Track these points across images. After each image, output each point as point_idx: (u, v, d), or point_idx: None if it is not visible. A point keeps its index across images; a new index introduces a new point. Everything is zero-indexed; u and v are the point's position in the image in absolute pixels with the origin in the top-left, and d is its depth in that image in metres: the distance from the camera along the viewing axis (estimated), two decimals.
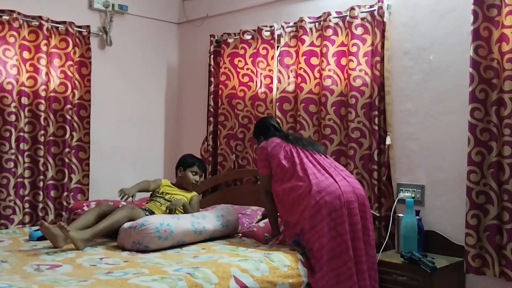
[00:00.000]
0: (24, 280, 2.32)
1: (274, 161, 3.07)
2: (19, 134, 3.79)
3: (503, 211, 2.85)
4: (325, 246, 2.77)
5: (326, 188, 2.86)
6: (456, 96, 3.13)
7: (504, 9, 2.84)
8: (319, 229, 2.79)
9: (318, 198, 2.82)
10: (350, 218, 2.85)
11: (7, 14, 3.73)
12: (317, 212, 2.81)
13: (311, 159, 3.03)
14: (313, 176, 2.91)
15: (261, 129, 3.37)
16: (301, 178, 2.93)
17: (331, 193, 2.84)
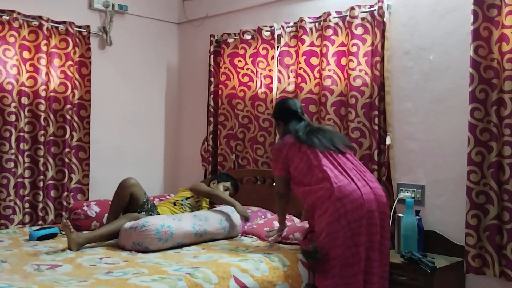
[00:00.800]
0: (24, 280, 2.32)
1: (291, 164, 2.91)
2: (19, 134, 3.79)
3: (503, 211, 2.84)
4: (339, 256, 2.65)
5: (349, 196, 2.67)
6: (456, 96, 3.12)
7: (504, 9, 2.83)
8: (336, 237, 2.65)
9: (339, 206, 2.65)
10: (369, 228, 2.70)
11: (7, 14, 3.73)
12: (336, 221, 2.65)
13: (331, 159, 2.83)
14: (335, 179, 2.72)
15: (282, 113, 3.13)
16: (320, 180, 2.75)
17: (353, 201, 2.67)
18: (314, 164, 2.81)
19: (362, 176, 2.82)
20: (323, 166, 2.77)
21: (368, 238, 2.70)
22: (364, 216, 2.68)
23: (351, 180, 2.75)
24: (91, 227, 3.63)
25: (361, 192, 2.71)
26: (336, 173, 2.76)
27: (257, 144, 4.02)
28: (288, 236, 3.21)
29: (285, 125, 3.07)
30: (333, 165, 2.81)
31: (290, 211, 3.58)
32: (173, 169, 4.85)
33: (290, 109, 3.10)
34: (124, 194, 3.35)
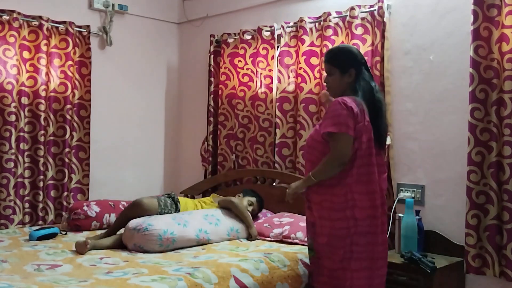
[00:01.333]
0: (24, 280, 2.32)
1: (358, 136, 2.40)
2: (19, 134, 3.79)
3: (503, 211, 2.84)
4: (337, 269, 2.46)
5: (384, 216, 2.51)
6: (456, 96, 3.12)
7: (504, 9, 2.83)
8: (336, 253, 2.45)
9: (352, 225, 2.43)
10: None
11: (7, 14, 3.72)
12: (342, 238, 2.44)
13: (378, 160, 2.50)
14: (381, 188, 2.48)
15: (355, 60, 2.53)
16: (369, 187, 2.44)
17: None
18: (373, 162, 2.45)
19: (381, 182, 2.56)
20: (375, 166, 2.45)
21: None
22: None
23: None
24: (91, 227, 3.63)
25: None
26: (381, 181, 2.49)
27: (257, 144, 4.02)
28: (289, 236, 3.21)
29: (356, 78, 2.50)
30: (378, 168, 2.47)
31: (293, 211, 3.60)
32: (173, 169, 4.85)
33: (362, 57, 2.58)
34: (133, 216, 3.23)
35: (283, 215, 3.52)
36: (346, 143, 2.37)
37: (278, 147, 3.86)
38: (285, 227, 3.31)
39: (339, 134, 2.37)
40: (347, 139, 2.37)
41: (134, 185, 4.52)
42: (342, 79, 2.53)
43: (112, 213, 3.73)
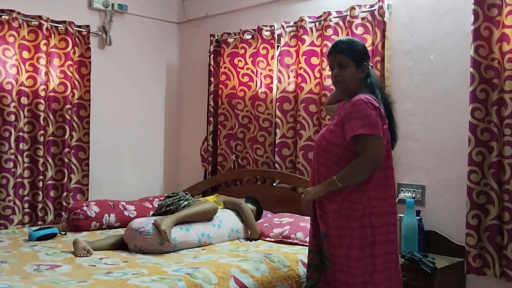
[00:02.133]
0: (24, 280, 2.31)
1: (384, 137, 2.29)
2: (19, 134, 3.79)
3: (504, 211, 2.84)
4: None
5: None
6: (456, 96, 3.12)
7: (504, 8, 2.83)
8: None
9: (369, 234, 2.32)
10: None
11: (6, 13, 3.72)
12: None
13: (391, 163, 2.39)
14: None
15: (368, 55, 2.41)
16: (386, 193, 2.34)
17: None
18: (390, 166, 2.34)
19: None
20: (393, 179, 2.36)
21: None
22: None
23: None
24: (91, 227, 3.62)
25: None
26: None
27: (257, 144, 4.01)
28: (289, 236, 3.20)
29: (368, 74, 2.37)
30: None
31: (293, 211, 3.59)
32: (173, 169, 4.85)
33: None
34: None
35: (283, 215, 3.51)
36: (379, 145, 2.21)
37: (278, 147, 3.85)
38: (285, 227, 3.30)
39: (372, 137, 2.20)
40: (379, 141, 2.22)
41: (134, 185, 4.52)
42: (357, 73, 2.34)
43: (111, 213, 3.72)
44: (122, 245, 3.07)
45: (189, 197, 3.39)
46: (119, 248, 3.05)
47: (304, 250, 2.95)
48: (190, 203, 3.29)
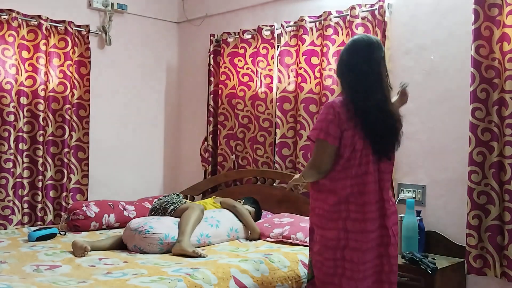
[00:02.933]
0: (23, 280, 2.31)
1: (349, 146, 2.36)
2: (18, 134, 3.78)
3: (504, 211, 2.83)
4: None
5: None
6: (457, 96, 3.11)
7: (505, 8, 2.82)
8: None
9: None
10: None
11: (6, 13, 3.71)
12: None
13: (382, 167, 2.37)
14: (382, 198, 2.37)
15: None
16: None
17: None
18: (369, 171, 2.36)
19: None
20: (372, 184, 2.36)
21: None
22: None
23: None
24: (90, 228, 3.62)
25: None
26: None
27: (257, 144, 4.01)
28: (289, 236, 3.19)
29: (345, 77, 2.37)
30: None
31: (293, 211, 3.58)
32: (172, 169, 4.84)
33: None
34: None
35: (283, 215, 3.50)
36: (319, 151, 2.28)
37: (278, 147, 3.85)
38: (285, 227, 3.29)
39: (317, 141, 2.30)
40: (322, 146, 2.27)
41: (134, 185, 4.51)
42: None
43: (111, 214, 3.72)
44: (121, 245, 3.07)
45: (176, 199, 3.39)
46: (119, 249, 3.04)
47: (304, 250, 2.95)
48: (176, 207, 3.30)
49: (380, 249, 2.30)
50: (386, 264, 2.30)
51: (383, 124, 2.28)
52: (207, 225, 3.22)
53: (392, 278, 2.33)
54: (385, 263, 2.30)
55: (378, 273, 2.31)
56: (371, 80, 2.26)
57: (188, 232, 3.00)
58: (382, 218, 2.30)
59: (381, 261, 2.30)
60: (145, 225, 3.00)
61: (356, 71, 2.27)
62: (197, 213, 3.16)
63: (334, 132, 2.23)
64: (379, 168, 2.29)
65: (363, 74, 2.26)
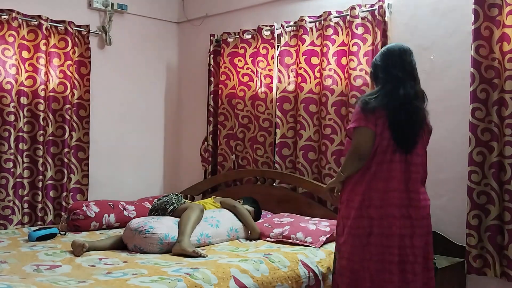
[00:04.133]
0: (23, 280, 2.31)
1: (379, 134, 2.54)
2: (18, 134, 3.78)
3: (504, 211, 2.84)
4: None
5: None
6: (457, 96, 3.11)
7: (505, 8, 2.83)
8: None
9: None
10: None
11: (6, 13, 3.71)
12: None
13: (410, 158, 2.50)
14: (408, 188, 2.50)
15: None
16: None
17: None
18: (395, 159, 2.52)
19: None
20: (397, 172, 2.51)
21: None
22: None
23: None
24: (90, 228, 3.62)
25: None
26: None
27: (257, 144, 4.01)
28: (289, 236, 3.19)
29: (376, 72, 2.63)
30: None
31: (293, 211, 3.58)
32: (173, 169, 4.84)
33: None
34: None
35: (283, 215, 3.50)
36: (360, 136, 2.44)
37: (278, 147, 3.85)
38: (285, 227, 3.29)
39: (356, 129, 2.46)
40: (362, 132, 2.43)
41: (134, 185, 4.51)
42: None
43: (111, 214, 3.72)
44: (121, 245, 3.07)
45: (175, 200, 3.38)
46: (119, 249, 3.04)
47: (304, 250, 2.95)
48: (176, 207, 3.30)
49: (405, 239, 2.38)
50: (410, 255, 2.38)
51: (407, 119, 2.43)
52: (207, 225, 3.22)
53: (417, 269, 2.39)
54: (409, 253, 2.38)
55: (402, 263, 2.38)
56: (400, 79, 2.45)
57: (188, 232, 3.00)
58: (406, 208, 2.40)
59: (405, 251, 2.38)
60: (145, 225, 3.00)
61: (388, 72, 2.48)
62: (197, 213, 3.16)
63: (371, 119, 2.42)
64: (406, 159, 2.42)
65: (393, 75, 2.46)
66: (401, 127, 2.42)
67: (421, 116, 2.49)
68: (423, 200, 2.46)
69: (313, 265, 2.83)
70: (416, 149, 2.46)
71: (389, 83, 2.46)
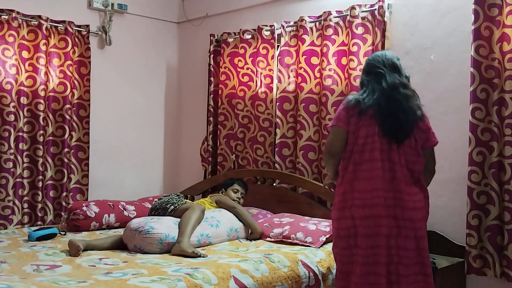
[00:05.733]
0: (23, 280, 2.31)
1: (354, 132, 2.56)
2: (18, 134, 3.78)
3: (504, 211, 2.83)
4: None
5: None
6: (457, 96, 3.11)
7: (505, 8, 2.83)
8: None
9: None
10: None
11: (6, 13, 3.71)
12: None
13: (391, 156, 2.48)
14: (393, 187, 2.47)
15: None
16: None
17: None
18: (375, 158, 2.51)
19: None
20: (380, 170, 2.48)
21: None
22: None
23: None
24: (90, 228, 3.62)
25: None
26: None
27: (257, 144, 4.01)
28: (289, 236, 3.19)
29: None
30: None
31: (293, 211, 3.58)
32: (172, 169, 4.84)
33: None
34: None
35: (283, 215, 3.50)
36: (331, 135, 2.49)
37: (278, 147, 3.85)
38: (285, 227, 3.29)
39: (331, 128, 2.51)
40: (333, 131, 2.48)
41: (134, 185, 4.51)
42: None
43: (111, 214, 3.72)
44: (121, 245, 3.07)
45: (176, 199, 3.38)
46: (119, 249, 3.04)
47: (304, 250, 2.95)
48: (176, 207, 3.29)
49: (390, 239, 2.34)
50: (394, 255, 2.33)
51: (395, 106, 2.40)
52: (207, 225, 3.22)
53: (401, 271, 2.34)
54: (393, 253, 2.33)
55: (388, 264, 2.34)
56: (382, 74, 2.45)
57: (188, 233, 3.00)
58: (393, 208, 2.34)
59: (390, 251, 2.34)
60: (145, 225, 3.00)
61: (370, 72, 2.51)
62: (198, 214, 3.16)
63: (343, 117, 2.43)
64: (389, 157, 2.36)
65: (375, 73, 2.47)
66: (389, 115, 2.37)
67: (412, 103, 2.42)
68: (411, 202, 2.36)
69: (313, 265, 2.83)
70: (409, 143, 2.39)
71: (372, 80, 2.46)
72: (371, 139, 2.38)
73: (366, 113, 2.40)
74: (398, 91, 2.42)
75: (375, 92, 2.42)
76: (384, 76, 2.44)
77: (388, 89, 2.41)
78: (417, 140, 2.42)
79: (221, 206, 3.51)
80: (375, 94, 2.41)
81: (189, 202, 3.50)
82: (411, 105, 2.42)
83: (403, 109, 2.40)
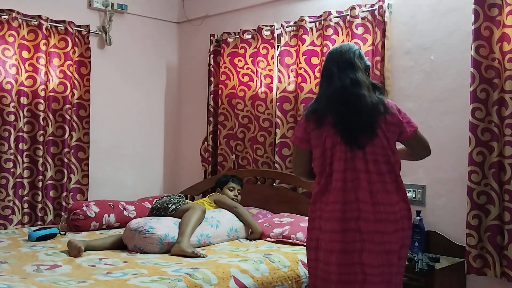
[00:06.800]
0: (23, 280, 2.31)
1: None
2: (18, 134, 3.78)
3: (504, 211, 2.83)
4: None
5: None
6: (457, 96, 3.11)
7: (505, 8, 2.82)
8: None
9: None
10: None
11: (6, 13, 3.71)
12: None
13: (356, 164, 2.27)
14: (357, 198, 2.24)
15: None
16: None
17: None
18: (334, 169, 2.31)
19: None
20: (339, 182, 2.28)
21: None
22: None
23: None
24: (90, 228, 3.62)
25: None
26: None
27: (257, 144, 4.01)
28: (289, 236, 3.20)
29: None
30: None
31: (293, 211, 3.58)
32: (172, 169, 4.84)
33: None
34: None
35: (283, 215, 3.51)
36: (294, 153, 2.40)
37: (278, 147, 3.85)
38: (285, 227, 3.29)
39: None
40: (294, 149, 2.38)
41: (134, 185, 4.51)
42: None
43: (111, 214, 3.72)
44: (121, 245, 3.07)
45: (177, 199, 3.38)
46: (119, 248, 3.04)
47: (304, 250, 2.94)
48: (177, 207, 3.29)
49: (353, 254, 2.10)
50: (359, 273, 2.09)
51: (347, 109, 2.17)
52: (207, 225, 3.22)
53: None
54: (358, 271, 2.09)
55: (347, 282, 2.10)
56: (334, 73, 2.22)
57: (188, 233, 3.00)
58: (355, 221, 2.10)
59: (353, 268, 2.10)
60: (145, 225, 3.00)
61: (322, 73, 2.32)
62: (199, 214, 3.16)
63: (301, 134, 2.27)
64: (354, 166, 2.13)
65: (327, 75, 2.26)
66: (343, 121, 2.15)
67: (367, 101, 2.15)
68: (378, 213, 2.11)
69: None
70: (380, 143, 2.15)
71: (324, 84, 2.26)
72: (335, 149, 2.16)
73: (325, 122, 2.18)
74: (349, 91, 2.16)
75: (326, 98, 2.21)
76: (333, 77, 2.21)
77: (337, 92, 2.18)
78: (388, 137, 2.17)
79: (220, 206, 3.51)
80: (327, 100, 2.20)
81: (190, 202, 3.50)
82: (367, 104, 2.15)
83: (357, 110, 2.14)
